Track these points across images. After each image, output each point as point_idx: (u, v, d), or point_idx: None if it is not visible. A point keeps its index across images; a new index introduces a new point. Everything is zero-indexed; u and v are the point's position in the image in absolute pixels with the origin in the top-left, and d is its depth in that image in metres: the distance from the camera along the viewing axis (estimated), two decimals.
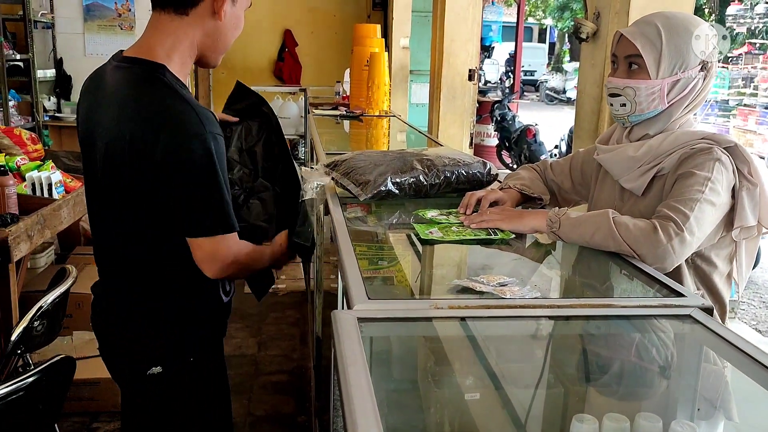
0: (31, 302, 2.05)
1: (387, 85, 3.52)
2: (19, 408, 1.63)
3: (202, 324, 1.59)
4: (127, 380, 1.61)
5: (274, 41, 7.49)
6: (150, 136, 1.35)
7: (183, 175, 1.37)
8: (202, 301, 1.58)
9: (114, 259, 1.57)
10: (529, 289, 1.21)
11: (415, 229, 1.56)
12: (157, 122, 1.36)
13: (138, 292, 1.54)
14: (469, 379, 1.34)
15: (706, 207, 1.39)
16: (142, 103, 1.39)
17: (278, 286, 4.60)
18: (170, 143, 1.35)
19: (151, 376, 1.52)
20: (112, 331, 1.58)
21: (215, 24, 1.44)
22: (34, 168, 3.23)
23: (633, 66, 1.51)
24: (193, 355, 1.57)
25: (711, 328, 1.12)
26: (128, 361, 1.57)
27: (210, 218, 1.43)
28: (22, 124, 5.72)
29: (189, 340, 1.57)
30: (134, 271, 1.53)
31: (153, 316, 1.53)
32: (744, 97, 10.73)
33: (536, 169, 1.85)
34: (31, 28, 6.02)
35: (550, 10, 24.23)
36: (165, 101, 1.38)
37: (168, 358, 1.53)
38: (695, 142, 1.47)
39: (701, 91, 1.52)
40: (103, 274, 1.61)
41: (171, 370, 1.54)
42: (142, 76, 1.41)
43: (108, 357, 1.62)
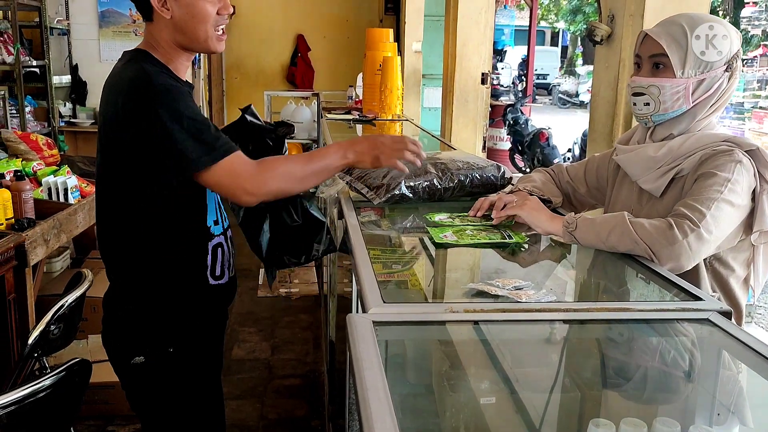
0: (48, 306, 2.06)
1: (400, 89, 3.52)
2: (36, 411, 1.64)
3: (185, 312, 1.61)
4: (117, 370, 1.66)
5: (287, 46, 7.52)
6: (113, 104, 1.48)
7: (153, 123, 1.43)
8: (185, 286, 1.60)
9: (103, 249, 1.63)
10: (544, 292, 1.20)
11: (429, 233, 1.56)
12: (116, 89, 1.49)
13: (122, 279, 1.60)
14: (484, 383, 1.34)
15: (724, 206, 1.37)
16: (113, 78, 1.54)
17: (291, 290, 4.61)
18: (128, 102, 1.45)
19: (135, 365, 1.58)
20: (103, 321, 1.65)
21: (170, 21, 1.54)
22: (50, 173, 3.26)
23: (658, 65, 1.50)
24: (173, 345, 1.59)
25: (729, 332, 1.10)
26: (114, 350, 1.63)
27: (201, 148, 1.44)
28: (39, 129, 5.78)
29: (170, 330, 1.60)
30: (117, 258, 1.59)
31: (135, 303, 1.59)
32: (759, 99, 10.63)
33: (550, 173, 1.84)
34: (47, 35, 6.08)
35: (562, 13, 24.15)
36: (126, 72, 1.50)
37: (149, 348, 1.58)
38: (716, 144, 1.46)
39: (725, 92, 1.50)
40: (106, 269, 1.66)
41: (153, 360, 1.58)
42: (123, 61, 1.57)
43: (106, 347, 1.68)
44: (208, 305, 1.67)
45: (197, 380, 1.66)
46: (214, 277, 1.63)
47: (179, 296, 1.60)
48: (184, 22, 1.53)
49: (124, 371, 1.64)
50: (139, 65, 1.51)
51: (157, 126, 1.42)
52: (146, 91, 1.44)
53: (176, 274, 1.59)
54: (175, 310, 1.60)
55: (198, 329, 1.65)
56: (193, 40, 1.56)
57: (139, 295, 1.59)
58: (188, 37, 1.55)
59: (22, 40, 5.89)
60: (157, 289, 1.58)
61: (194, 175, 1.47)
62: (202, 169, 1.45)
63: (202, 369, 1.68)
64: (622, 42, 2.38)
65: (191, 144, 1.43)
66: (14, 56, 5.57)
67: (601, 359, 1.31)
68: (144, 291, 1.58)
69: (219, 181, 1.47)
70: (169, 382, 1.62)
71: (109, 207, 1.59)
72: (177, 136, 1.42)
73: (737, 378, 1.17)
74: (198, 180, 1.47)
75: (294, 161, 1.55)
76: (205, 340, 1.68)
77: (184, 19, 1.52)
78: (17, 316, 2.47)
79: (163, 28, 1.55)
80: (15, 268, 2.45)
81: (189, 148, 1.43)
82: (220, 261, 1.65)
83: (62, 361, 1.73)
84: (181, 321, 1.61)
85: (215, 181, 1.47)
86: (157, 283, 1.58)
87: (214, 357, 1.73)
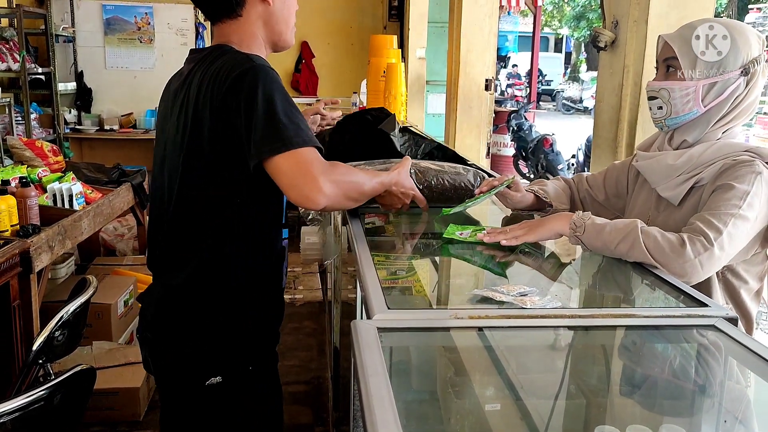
0: (52, 312, 2.07)
1: (403, 96, 3.53)
2: (40, 418, 1.63)
3: (264, 326, 1.55)
4: (183, 392, 1.54)
5: (291, 53, 7.54)
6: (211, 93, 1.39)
7: (238, 108, 1.36)
8: (264, 295, 1.53)
9: (175, 259, 1.51)
10: (549, 299, 1.20)
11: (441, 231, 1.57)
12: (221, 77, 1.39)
13: (200, 291, 1.48)
14: (489, 389, 1.33)
15: (741, 223, 1.35)
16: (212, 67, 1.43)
17: (295, 297, 4.61)
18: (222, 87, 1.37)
19: (210, 387, 1.47)
20: (169, 342, 1.53)
21: (267, 10, 1.51)
22: (55, 179, 3.27)
23: (670, 69, 1.50)
24: (252, 363, 1.52)
25: (735, 338, 1.10)
26: (183, 371, 1.51)
27: (277, 137, 1.33)
28: (44, 136, 5.80)
29: (251, 345, 1.53)
30: (198, 269, 1.47)
31: (212, 319, 1.48)
32: (764, 105, 10.62)
33: (569, 182, 1.83)
34: (52, 42, 6.12)
35: (566, 19, 24.19)
36: (223, 61, 1.42)
37: (227, 367, 1.49)
38: (737, 154, 1.44)
39: (744, 98, 1.47)
40: (160, 283, 1.56)
41: (231, 380, 1.49)
42: (206, 54, 1.49)
43: (160, 368, 1.56)
44: (280, 318, 1.61)
45: (272, 401, 1.60)
46: (282, 287, 1.60)
47: (257, 308, 1.52)
48: (280, 11, 1.52)
49: (194, 394, 1.51)
50: (235, 52, 1.45)
51: (249, 105, 1.35)
52: (251, 69, 1.37)
53: (254, 283, 1.51)
54: (255, 323, 1.52)
55: (271, 344, 1.59)
56: (283, 32, 1.55)
57: (218, 309, 1.48)
58: (278, 30, 1.54)
59: (28, 48, 5.92)
60: (237, 300, 1.49)
61: (265, 161, 1.34)
62: (273, 155, 1.33)
63: (276, 388, 1.62)
64: (626, 48, 2.38)
65: (271, 130, 1.34)
66: (20, 63, 5.59)
67: (607, 366, 1.31)
68: (223, 304, 1.48)
69: (292, 170, 1.33)
70: (247, 404, 1.53)
71: (176, 212, 1.48)
72: (260, 120, 1.34)
73: (743, 385, 1.17)
74: (272, 165, 1.34)
75: (362, 174, 1.50)
76: (275, 357, 1.62)
77: (280, 8, 1.52)
78: (22, 323, 2.47)
79: (253, 22, 1.51)
80: (20, 274, 2.46)
81: (268, 133, 1.33)
82: (285, 266, 1.61)
83: (66, 368, 1.73)
84: (259, 337, 1.54)
85: (286, 170, 1.33)
86: (236, 294, 1.49)
87: (277, 376, 1.66)
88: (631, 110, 2.43)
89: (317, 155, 1.37)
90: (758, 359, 1.05)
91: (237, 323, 1.50)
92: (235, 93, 1.36)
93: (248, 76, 1.36)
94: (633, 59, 2.38)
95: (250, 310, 1.51)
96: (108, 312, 3.31)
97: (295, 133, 1.35)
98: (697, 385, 1.22)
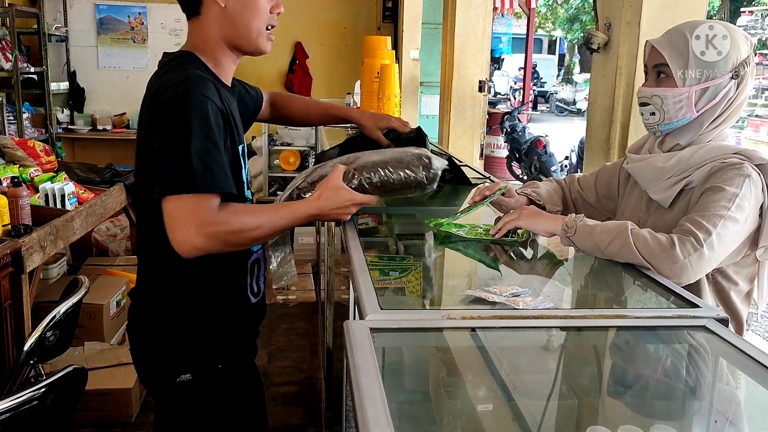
0: (44, 313, 2.06)
1: (397, 97, 3.52)
2: (31, 418, 1.63)
3: (230, 329, 1.57)
4: (158, 388, 1.60)
5: (285, 53, 7.54)
6: (145, 111, 1.41)
7: (155, 132, 1.35)
8: (228, 304, 1.55)
9: (143, 264, 1.57)
10: (542, 299, 1.20)
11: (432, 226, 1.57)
12: (154, 93, 1.40)
13: (165, 296, 1.52)
14: (481, 390, 1.33)
15: (730, 224, 1.36)
16: (154, 81, 1.45)
17: (288, 297, 4.60)
18: (151, 106, 1.38)
19: (181, 383, 1.51)
20: (142, 338, 1.57)
21: (222, 11, 1.47)
22: (47, 179, 3.26)
23: (661, 75, 1.50)
24: (221, 361, 1.55)
25: (726, 339, 1.10)
26: (157, 368, 1.56)
27: (172, 175, 1.31)
28: (36, 136, 5.78)
29: (217, 346, 1.55)
30: (159, 275, 1.52)
31: (180, 321, 1.52)
32: (755, 107, 10.68)
33: (561, 183, 1.83)
34: (45, 42, 6.10)
35: (559, 21, 24.26)
36: (168, 75, 1.42)
37: (197, 365, 1.52)
38: (726, 156, 1.44)
39: (734, 100, 1.48)
40: (138, 280, 1.60)
41: (200, 377, 1.52)
42: (165, 62, 1.50)
43: (139, 365, 1.60)
44: (250, 321, 1.64)
45: (245, 397, 1.62)
46: (253, 294, 1.60)
47: (222, 314, 1.55)
48: (237, 14, 1.46)
49: (167, 391, 1.56)
50: (183, 68, 1.42)
51: (167, 137, 1.34)
52: (179, 95, 1.35)
53: (218, 293, 1.53)
54: (220, 328, 1.55)
55: (241, 345, 1.62)
56: (244, 36, 1.49)
57: (183, 312, 1.52)
58: (239, 32, 1.48)
59: (20, 47, 5.90)
60: (201, 307, 1.52)
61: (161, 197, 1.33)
62: (170, 193, 1.31)
63: (248, 385, 1.65)
64: (619, 50, 2.39)
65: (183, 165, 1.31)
66: (12, 62, 5.57)
67: (599, 366, 1.31)
68: (188, 309, 1.52)
69: (172, 214, 1.31)
70: (218, 400, 1.56)
71: (142, 216, 1.53)
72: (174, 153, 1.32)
73: (734, 385, 1.17)
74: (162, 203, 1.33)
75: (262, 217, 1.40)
76: (247, 356, 1.65)
77: (237, 9, 1.46)
78: (13, 323, 2.46)
79: (212, 23, 1.47)
80: (11, 274, 2.44)
81: (178, 168, 1.31)
82: (256, 276, 1.61)
83: (58, 368, 1.72)
84: (227, 338, 1.57)
85: (169, 211, 1.32)
86: (201, 302, 1.52)
87: (254, 373, 1.69)
88: (624, 112, 2.44)
89: (205, 204, 1.32)
90: (748, 360, 1.05)
91: (202, 325, 1.53)
92: (157, 118, 1.36)
93: (174, 104, 1.35)
94: (626, 61, 2.39)
95: (213, 314, 1.53)
96: (100, 312, 3.30)
97: (196, 175, 1.30)
98: (688, 385, 1.23)
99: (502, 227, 1.56)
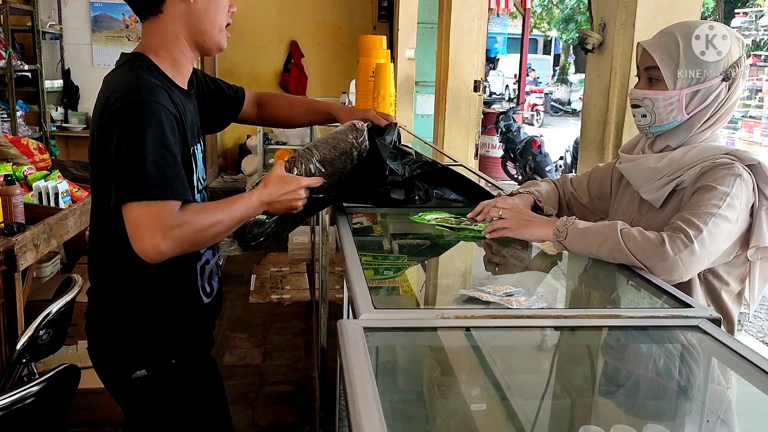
0: (37, 311, 2.05)
1: (392, 96, 3.52)
2: (24, 417, 1.62)
3: (183, 326, 1.60)
4: (115, 385, 1.62)
5: (281, 52, 7.53)
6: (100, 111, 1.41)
7: (111, 140, 1.36)
8: (181, 306, 1.58)
9: (95, 262, 1.59)
10: (535, 299, 1.21)
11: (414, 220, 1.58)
12: (106, 95, 1.41)
13: (118, 295, 1.55)
14: (474, 389, 1.34)
15: (721, 222, 1.36)
16: (107, 84, 1.46)
17: (283, 297, 4.60)
18: (105, 113, 1.39)
19: (136, 379, 1.54)
20: (99, 338, 1.60)
21: (188, 8, 1.47)
22: (40, 177, 3.24)
23: (652, 77, 1.50)
24: (174, 357, 1.58)
25: (719, 339, 1.11)
26: (114, 365, 1.59)
27: (130, 182, 1.33)
28: (30, 134, 5.76)
29: (170, 343, 1.58)
30: (114, 281, 1.55)
31: (133, 319, 1.55)
32: (749, 108, 10.73)
33: (555, 184, 1.83)
34: (39, 39, 6.07)
35: (554, 22, 24.29)
36: (120, 79, 1.43)
37: (151, 361, 1.55)
38: (717, 157, 1.45)
39: (725, 102, 1.48)
40: (92, 283, 1.62)
41: (155, 373, 1.55)
42: (119, 64, 1.50)
43: (96, 362, 1.62)
44: (203, 319, 1.67)
45: (201, 390, 1.65)
46: (206, 294, 1.63)
47: (173, 313, 1.58)
48: (203, 9, 1.47)
49: (123, 387, 1.60)
50: (135, 73, 1.42)
51: (116, 144, 1.35)
52: (131, 102, 1.36)
53: (166, 291, 1.55)
54: (171, 325, 1.58)
55: (195, 340, 1.65)
56: (208, 32, 1.50)
57: (135, 310, 1.55)
58: (203, 28, 1.49)
59: (14, 44, 5.87)
60: (151, 305, 1.55)
61: (121, 205, 1.35)
62: (130, 200, 1.33)
63: (204, 378, 1.67)
64: (614, 50, 2.40)
65: (128, 173, 1.33)
66: (6, 60, 5.54)
67: (592, 366, 1.32)
68: (138, 306, 1.54)
69: (134, 221, 1.33)
70: (173, 394, 1.60)
71: (97, 221, 1.55)
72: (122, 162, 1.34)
73: (726, 385, 1.18)
74: (123, 211, 1.35)
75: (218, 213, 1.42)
76: (201, 350, 1.68)
77: (203, 5, 1.47)
78: (6, 322, 2.45)
79: (176, 20, 1.47)
80: (4, 273, 2.43)
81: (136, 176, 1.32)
82: (207, 277, 1.63)
83: (51, 367, 1.72)
84: (179, 335, 1.60)
85: (132, 218, 1.33)
86: (150, 299, 1.54)
87: (211, 365, 1.72)
88: (618, 112, 2.44)
89: (166, 208, 1.33)
90: (741, 360, 1.06)
91: (156, 326, 1.56)
92: (112, 125, 1.37)
93: (128, 111, 1.35)
94: (620, 62, 2.39)
95: (168, 316, 1.57)
96: None
97: (154, 182, 1.32)
98: (681, 385, 1.23)
99: (493, 233, 1.55)
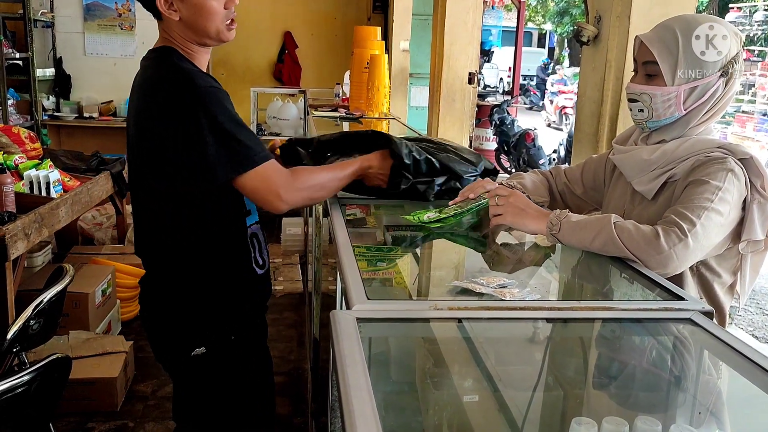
0: (28, 301, 2.04)
1: (387, 88, 3.52)
2: (14, 407, 1.62)
3: (240, 301, 1.65)
4: (174, 364, 1.68)
5: (274, 43, 7.48)
6: (150, 101, 1.51)
7: (187, 131, 1.45)
8: (234, 278, 1.63)
9: (151, 247, 1.65)
10: (528, 291, 1.21)
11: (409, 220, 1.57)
12: (153, 87, 1.52)
13: (176, 275, 1.62)
14: (467, 381, 1.34)
15: (714, 216, 1.36)
16: (145, 77, 1.56)
17: (276, 288, 4.60)
18: (169, 99, 1.48)
19: (195, 357, 1.59)
20: (157, 319, 1.65)
21: (179, 21, 1.55)
22: (32, 166, 3.22)
23: (650, 72, 1.49)
24: (234, 333, 1.62)
25: (711, 332, 1.11)
26: (173, 344, 1.64)
27: (235, 158, 1.47)
28: (21, 122, 5.71)
29: (229, 319, 1.63)
30: (170, 256, 1.61)
31: (192, 297, 1.60)
32: (742, 103, 10.76)
33: (546, 175, 1.82)
34: (30, 27, 6.02)
35: (549, 15, 24.28)
36: (161, 70, 1.52)
37: (210, 338, 1.60)
38: (710, 150, 1.45)
39: (722, 98, 1.48)
40: (146, 266, 1.69)
41: (214, 351, 1.60)
42: (151, 58, 1.59)
43: (155, 343, 1.69)
44: (258, 294, 1.72)
45: (255, 371, 1.71)
46: (258, 266, 1.68)
47: (231, 287, 1.64)
48: (193, 21, 1.54)
49: (181, 364, 1.65)
50: (174, 63, 1.53)
51: (194, 131, 1.45)
52: (189, 92, 1.47)
53: (224, 266, 1.62)
54: (230, 301, 1.63)
55: (252, 318, 1.71)
56: (204, 36, 1.57)
57: (193, 288, 1.61)
58: (199, 34, 1.57)
59: (6, 32, 5.82)
60: (209, 282, 1.61)
61: (229, 182, 1.50)
62: (236, 176, 1.48)
63: (260, 358, 1.74)
64: (609, 43, 2.39)
65: (225, 152, 1.46)
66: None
67: (584, 358, 1.32)
68: (197, 284, 1.61)
69: (255, 187, 1.51)
70: (229, 372, 1.64)
71: (146, 206, 1.62)
72: (212, 145, 1.45)
73: (718, 377, 1.18)
74: (234, 186, 1.51)
75: (325, 173, 1.63)
76: (258, 329, 1.74)
77: (192, 18, 1.54)
78: None
79: (174, 27, 1.57)
80: None
81: (223, 156, 1.46)
82: (258, 250, 1.69)
83: (42, 357, 1.71)
84: (237, 310, 1.65)
85: (251, 187, 1.51)
86: (207, 277, 1.61)
87: (265, 350, 1.79)
88: (613, 105, 2.44)
89: (275, 168, 1.52)
90: (733, 352, 1.06)
91: (211, 300, 1.62)
92: (169, 111, 1.47)
93: (193, 101, 1.46)
94: (615, 54, 2.39)
95: (224, 289, 1.63)
96: (85, 301, 3.28)
97: (249, 152, 1.49)
98: (673, 377, 1.24)
99: (492, 224, 1.53)
